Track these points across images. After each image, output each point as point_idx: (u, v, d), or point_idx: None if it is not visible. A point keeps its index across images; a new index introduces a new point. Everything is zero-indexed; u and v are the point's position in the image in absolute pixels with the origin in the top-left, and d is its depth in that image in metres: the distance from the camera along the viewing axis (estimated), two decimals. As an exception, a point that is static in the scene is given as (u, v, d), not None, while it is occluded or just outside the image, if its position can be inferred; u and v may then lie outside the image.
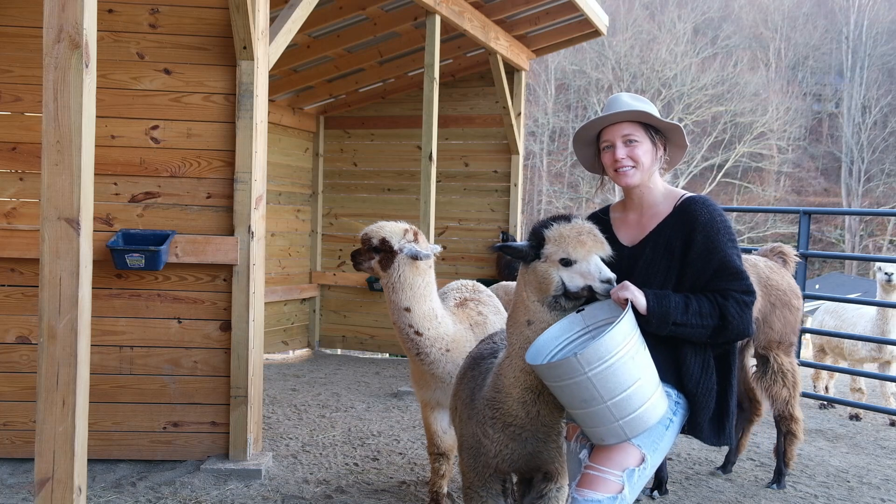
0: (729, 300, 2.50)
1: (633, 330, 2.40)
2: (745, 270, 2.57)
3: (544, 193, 37.57)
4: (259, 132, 4.61)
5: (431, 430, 4.04)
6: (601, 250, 2.51)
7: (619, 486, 2.44)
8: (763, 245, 5.30)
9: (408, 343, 3.74)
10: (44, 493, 3.07)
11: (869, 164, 39.87)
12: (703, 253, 2.55)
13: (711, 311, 2.49)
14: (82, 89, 3.02)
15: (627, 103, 2.68)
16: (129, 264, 4.43)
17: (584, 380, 2.34)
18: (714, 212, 2.61)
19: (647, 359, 2.43)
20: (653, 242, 2.65)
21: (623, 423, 2.39)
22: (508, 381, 2.66)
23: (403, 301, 3.67)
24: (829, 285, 26.70)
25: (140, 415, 4.65)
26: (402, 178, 9.48)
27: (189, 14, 4.59)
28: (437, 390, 3.86)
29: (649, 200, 2.71)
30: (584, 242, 2.49)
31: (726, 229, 2.59)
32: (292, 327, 9.48)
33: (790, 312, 4.50)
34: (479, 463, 2.85)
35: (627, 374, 2.35)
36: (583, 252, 2.49)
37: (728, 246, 2.56)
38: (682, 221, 2.62)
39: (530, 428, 2.68)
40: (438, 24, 6.61)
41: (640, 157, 2.66)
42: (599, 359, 2.31)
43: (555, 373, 2.41)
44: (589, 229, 2.53)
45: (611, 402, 2.36)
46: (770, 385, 4.49)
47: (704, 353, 2.62)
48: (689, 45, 40.00)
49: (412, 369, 3.98)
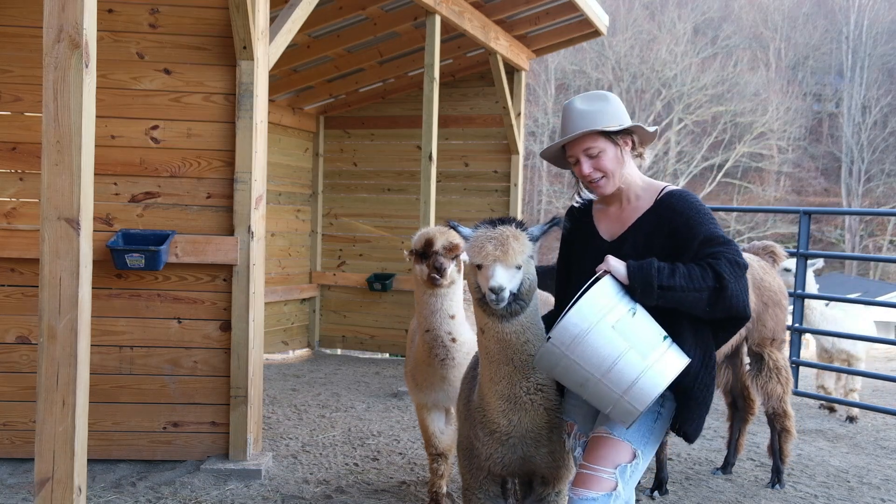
0: (720, 260, 2.41)
1: (610, 298, 2.36)
2: (731, 239, 2.53)
3: (544, 193, 37.57)
4: (259, 132, 4.61)
5: (429, 432, 4.01)
6: (503, 259, 2.45)
7: (613, 484, 2.46)
8: (755, 242, 5.35)
9: (438, 350, 3.60)
10: (44, 493, 3.07)
11: (869, 164, 39.89)
12: (686, 237, 2.53)
13: (703, 274, 2.40)
14: (82, 89, 3.02)
15: (582, 112, 2.61)
16: (129, 264, 4.43)
17: (569, 362, 2.33)
18: (691, 200, 2.60)
19: (638, 324, 2.38)
20: (632, 237, 2.63)
21: (628, 397, 2.34)
22: (484, 390, 2.67)
23: (452, 308, 3.56)
24: (829, 285, 26.70)
25: (140, 415, 4.65)
26: (402, 178, 9.48)
27: (189, 14, 4.58)
28: (441, 392, 3.79)
29: (629, 194, 2.70)
30: (484, 249, 2.47)
31: (704, 211, 2.56)
32: (292, 327, 9.48)
33: (781, 311, 4.62)
34: (472, 465, 2.84)
35: (610, 344, 2.31)
36: (482, 258, 2.47)
37: (708, 222, 2.53)
38: (662, 216, 2.60)
39: (515, 434, 2.67)
40: (438, 24, 6.61)
41: (607, 166, 2.62)
42: (571, 336, 2.30)
43: (544, 364, 2.42)
44: (497, 237, 2.48)
45: (603, 377, 2.33)
46: (765, 382, 4.56)
47: (706, 346, 2.58)
48: (689, 45, 40.00)
49: (415, 372, 3.86)
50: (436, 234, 3.53)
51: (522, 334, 2.55)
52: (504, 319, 2.52)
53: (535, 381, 2.61)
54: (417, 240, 3.57)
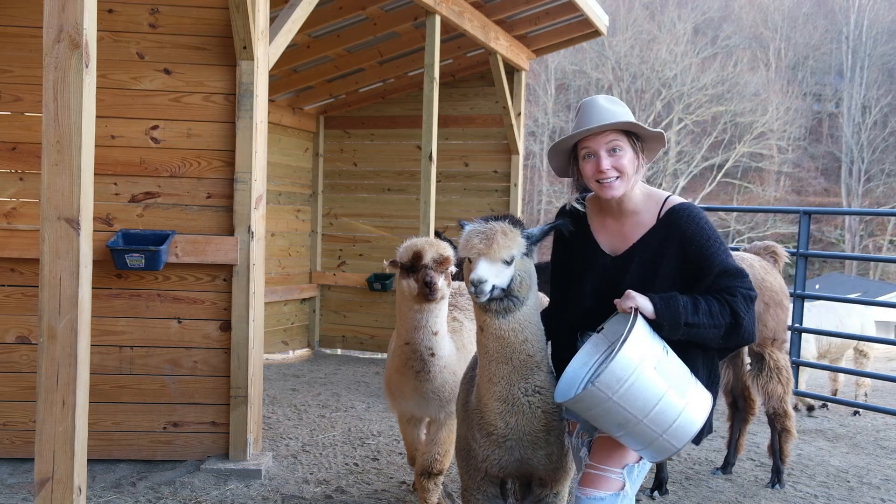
0: (737, 296, 2.45)
1: (647, 338, 2.34)
2: (744, 269, 2.55)
3: (544, 193, 37.57)
4: (259, 132, 4.61)
5: (406, 441, 3.89)
6: (487, 253, 2.46)
7: (621, 483, 2.48)
8: (756, 242, 5.37)
9: (414, 362, 3.46)
10: (44, 493, 3.07)
11: (869, 164, 39.90)
12: (698, 265, 2.52)
13: (721, 310, 2.44)
14: (82, 89, 3.02)
15: (608, 109, 2.56)
16: (129, 264, 4.43)
17: (611, 405, 2.29)
18: (700, 221, 2.56)
19: (671, 363, 2.38)
20: (639, 255, 2.59)
21: (667, 436, 2.33)
22: (482, 391, 2.66)
23: (437, 324, 3.40)
24: (829, 285, 26.70)
25: (140, 415, 4.65)
26: (402, 178, 9.48)
27: (189, 14, 4.58)
28: (412, 402, 3.64)
29: (629, 207, 2.63)
30: (470, 242, 2.50)
31: (715, 237, 2.55)
32: (292, 327, 9.48)
33: (782, 311, 4.62)
34: (470, 466, 2.84)
35: (654, 386, 2.29)
36: (468, 251, 2.51)
37: (721, 251, 2.53)
38: (668, 235, 2.57)
39: (513, 437, 2.66)
40: (438, 24, 6.61)
41: (626, 168, 2.55)
42: (619, 379, 2.25)
43: (581, 405, 2.37)
44: (485, 232, 2.50)
45: (646, 419, 2.30)
46: (766, 382, 4.56)
47: (712, 363, 2.62)
48: (689, 45, 40.01)
49: (389, 380, 3.73)
50: (424, 247, 3.32)
51: (521, 332, 2.55)
52: (499, 315, 2.52)
53: (533, 382, 2.60)
54: (404, 252, 3.37)
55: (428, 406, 3.62)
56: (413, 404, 3.66)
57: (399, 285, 3.41)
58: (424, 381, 3.49)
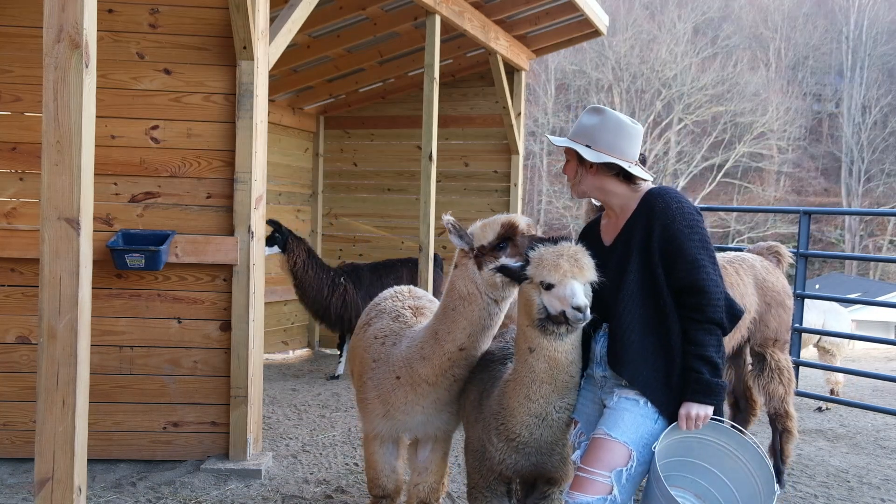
0: (706, 311, 2.53)
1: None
2: (700, 259, 2.53)
3: (544, 193, 37.56)
4: (259, 132, 4.61)
5: (377, 468, 3.44)
6: (580, 276, 2.49)
7: (608, 487, 2.47)
8: (760, 242, 5.36)
9: (457, 370, 3.04)
10: (44, 493, 3.07)
11: (869, 164, 39.88)
12: (662, 244, 2.55)
13: (713, 340, 2.54)
14: (82, 89, 3.02)
15: (579, 123, 2.73)
16: (129, 264, 4.43)
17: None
18: (670, 200, 2.60)
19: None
20: (622, 239, 2.68)
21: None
22: (514, 404, 2.67)
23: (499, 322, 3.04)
24: (829, 285, 26.69)
25: (140, 415, 4.65)
26: (402, 178, 9.48)
27: (189, 14, 4.58)
28: (422, 417, 3.22)
29: (618, 203, 2.73)
30: (560, 266, 2.48)
31: (682, 216, 2.56)
32: (292, 327, 9.47)
33: (784, 311, 4.60)
34: (483, 467, 2.86)
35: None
36: (558, 276, 2.48)
37: (689, 239, 2.54)
38: (642, 214, 2.64)
39: (534, 445, 2.70)
40: (438, 24, 6.61)
41: (568, 174, 2.77)
42: None
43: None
44: (571, 253, 2.51)
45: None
46: (767, 382, 4.56)
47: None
48: (689, 45, 39.98)
49: (391, 395, 3.24)
50: (515, 217, 2.89)
51: (571, 353, 2.58)
52: (558, 338, 2.53)
53: (568, 400, 2.65)
54: (490, 229, 2.85)
55: (438, 418, 3.25)
56: (422, 419, 3.22)
57: (471, 276, 2.89)
58: (454, 389, 3.11)
